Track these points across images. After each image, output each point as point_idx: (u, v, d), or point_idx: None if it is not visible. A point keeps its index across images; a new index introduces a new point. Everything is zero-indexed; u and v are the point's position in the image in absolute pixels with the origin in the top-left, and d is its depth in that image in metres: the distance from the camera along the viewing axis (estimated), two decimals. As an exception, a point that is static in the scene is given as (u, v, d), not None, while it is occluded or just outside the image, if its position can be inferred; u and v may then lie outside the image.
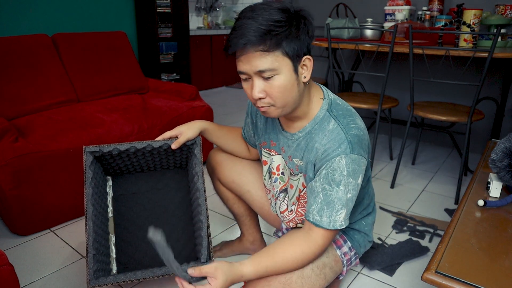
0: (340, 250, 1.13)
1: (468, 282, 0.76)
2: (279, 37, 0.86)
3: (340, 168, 0.93)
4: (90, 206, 1.14)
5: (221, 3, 5.57)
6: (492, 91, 2.52)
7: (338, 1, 2.93)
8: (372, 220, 1.23)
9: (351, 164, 0.93)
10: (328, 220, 0.94)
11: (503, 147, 1.12)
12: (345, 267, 1.15)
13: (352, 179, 0.94)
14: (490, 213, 1.05)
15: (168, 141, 1.22)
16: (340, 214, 0.95)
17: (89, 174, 1.17)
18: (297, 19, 0.90)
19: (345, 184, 0.94)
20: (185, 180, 1.45)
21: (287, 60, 0.89)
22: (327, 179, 0.94)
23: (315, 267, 1.03)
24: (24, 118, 1.96)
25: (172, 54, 3.67)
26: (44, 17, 2.63)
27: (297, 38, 0.88)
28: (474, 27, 2.00)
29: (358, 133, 0.96)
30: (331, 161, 0.94)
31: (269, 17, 0.86)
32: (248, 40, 0.85)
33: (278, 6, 0.89)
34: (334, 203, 0.94)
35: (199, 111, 2.31)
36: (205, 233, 1.18)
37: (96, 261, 1.11)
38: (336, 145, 0.94)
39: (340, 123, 0.97)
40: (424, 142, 2.93)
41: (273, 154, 1.14)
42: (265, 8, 0.88)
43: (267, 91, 0.91)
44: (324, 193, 0.95)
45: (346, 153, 0.93)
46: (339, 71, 2.83)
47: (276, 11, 0.88)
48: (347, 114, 1.00)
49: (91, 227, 1.12)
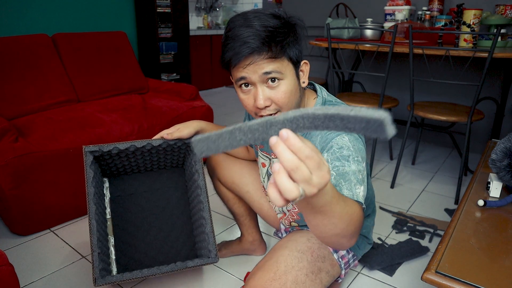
0: (337, 254, 1.11)
1: (468, 282, 0.76)
2: (283, 43, 0.86)
3: (345, 144, 0.87)
4: (93, 205, 1.14)
5: (221, 3, 5.57)
6: (492, 91, 2.52)
7: (338, 1, 2.93)
8: (371, 223, 1.22)
9: (355, 141, 0.88)
10: (350, 193, 0.81)
11: (503, 147, 1.11)
12: (343, 270, 1.14)
13: (361, 158, 0.87)
14: (490, 213, 1.05)
15: (168, 140, 1.23)
16: (358, 189, 0.82)
17: (90, 174, 1.17)
18: (292, 25, 0.90)
19: (354, 160, 0.85)
20: (182, 179, 1.46)
21: (291, 66, 0.90)
22: (335, 156, 0.86)
23: (309, 273, 1.01)
24: (24, 118, 1.96)
25: (172, 54, 3.67)
26: (44, 17, 2.63)
27: (298, 44, 0.90)
28: (474, 27, 2.00)
29: None
30: (332, 141, 0.88)
31: (267, 24, 0.86)
32: (253, 48, 0.84)
33: (271, 12, 0.88)
34: (349, 175, 0.83)
35: (199, 111, 2.31)
36: (209, 230, 1.18)
37: (101, 260, 1.11)
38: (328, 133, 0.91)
39: None
40: (424, 142, 2.93)
41: (273, 156, 1.14)
42: (258, 16, 0.87)
43: (272, 97, 0.90)
44: (335, 169, 0.85)
45: (343, 134, 0.89)
46: (339, 71, 2.83)
47: (272, 17, 0.87)
48: None
49: (94, 226, 1.12)
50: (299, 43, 0.91)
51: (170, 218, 1.41)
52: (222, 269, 1.47)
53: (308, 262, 1.02)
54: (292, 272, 0.98)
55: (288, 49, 0.88)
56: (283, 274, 0.97)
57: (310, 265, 1.02)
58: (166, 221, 1.41)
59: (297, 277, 0.98)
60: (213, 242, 1.17)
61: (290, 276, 0.97)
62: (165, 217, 1.41)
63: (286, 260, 1.00)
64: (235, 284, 1.40)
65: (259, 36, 0.84)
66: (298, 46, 0.90)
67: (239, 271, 1.47)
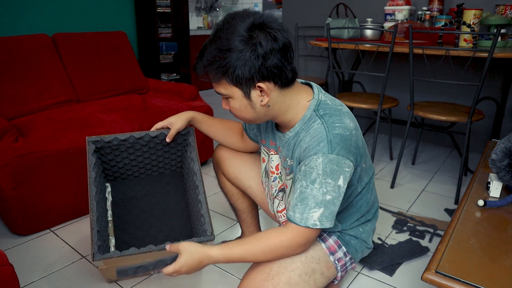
0: (333, 256, 1.11)
1: (468, 282, 0.76)
2: (221, 69, 0.89)
3: (316, 166, 0.91)
4: (94, 188, 1.18)
5: (221, 3, 5.58)
6: (492, 91, 2.52)
7: (338, 1, 2.93)
8: (372, 228, 1.20)
9: (328, 164, 0.91)
10: (300, 217, 0.92)
11: (503, 147, 1.11)
12: (339, 273, 1.14)
13: (331, 180, 0.91)
14: (490, 213, 1.05)
15: (164, 130, 1.31)
16: (314, 212, 0.92)
17: (92, 160, 1.23)
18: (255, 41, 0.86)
19: (320, 183, 0.91)
20: (181, 183, 1.48)
21: (235, 88, 0.92)
22: (305, 176, 0.93)
23: (303, 274, 1.01)
24: (24, 118, 1.96)
25: (172, 54, 3.67)
26: (44, 17, 2.63)
27: (243, 66, 0.87)
28: (474, 27, 2.00)
29: (342, 133, 0.93)
30: (309, 159, 0.93)
31: (221, 45, 0.88)
32: (197, 71, 0.95)
33: (243, 25, 0.87)
34: (307, 200, 0.92)
35: (199, 111, 2.28)
36: (205, 211, 1.21)
37: (100, 238, 1.13)
38: (315, 143, 0.93)
39: (325, 121, 0.95)
40: (424, 142, 2.93)
41: (272, 153, 1.15)
42: (227, 29, 0.88)
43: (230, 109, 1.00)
44: (300, 190, 0.93)
45: (323, 152, 0.91)
46: (339, 71, 2.83)
47: (235, 34, 0.87)
48: (334, 114, 0.97)
49: (94, 206, 1.14)
50: (246, 65, 0.87)
51: (170, 220, 1.43)
52: (222, 269, 1.47)
53: (302, 263, 1.02)
54: (285, 272, 0.99)
55: (228, 74, 0.89)
56: (276, 274, 0.98)
57: (304, 266, 1.02)
58: (166, 222, 1.42)
59: (290, 277, 0.99)
60: (209, 222, 1.18)
61: (283, 277, 0.98)
62: (165, 219, 1.43)
63: (279, 261, 1.01)
64: (235, 284, 1.40)
65: (202, 61, 0.92)
66: (243, 68, 0.87)
67: (239, 271, 1.47)
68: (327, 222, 0.93)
